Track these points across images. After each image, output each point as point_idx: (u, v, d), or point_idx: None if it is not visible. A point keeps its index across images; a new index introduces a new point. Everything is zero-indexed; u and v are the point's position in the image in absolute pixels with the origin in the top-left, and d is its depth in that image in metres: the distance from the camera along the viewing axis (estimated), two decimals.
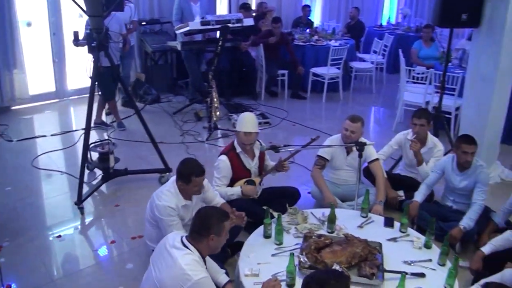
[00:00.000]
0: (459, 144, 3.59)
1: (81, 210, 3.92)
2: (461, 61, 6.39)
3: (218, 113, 5.61)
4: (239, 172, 3.69)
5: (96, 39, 3.63)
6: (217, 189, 3.58)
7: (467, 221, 3.48)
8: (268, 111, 6.81)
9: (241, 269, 2.80)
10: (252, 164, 3.76)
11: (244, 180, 3.72)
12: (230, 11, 7.51)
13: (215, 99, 5.55)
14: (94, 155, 4.46)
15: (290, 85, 7.59)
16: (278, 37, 7.18)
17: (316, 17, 10.05)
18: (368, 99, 7.96)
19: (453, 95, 5.66)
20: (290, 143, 5.57)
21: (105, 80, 4.84)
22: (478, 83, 4.54)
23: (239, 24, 5.69)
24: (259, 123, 6.18)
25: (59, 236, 3.67)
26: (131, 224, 3.89)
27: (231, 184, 3.71)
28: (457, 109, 5.87)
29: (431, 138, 4.20)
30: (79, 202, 3.87)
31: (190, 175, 2.99)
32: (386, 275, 2.73)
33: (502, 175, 4.76)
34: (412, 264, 2.90)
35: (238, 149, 3.67)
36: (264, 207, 3.22)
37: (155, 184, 4.50)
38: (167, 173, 4.52)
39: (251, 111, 6.62)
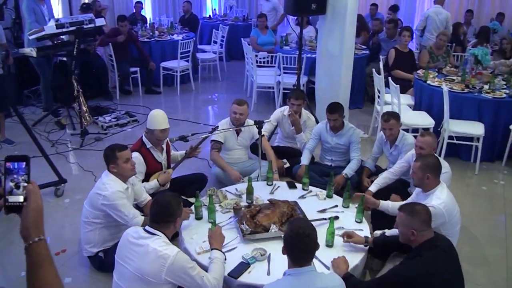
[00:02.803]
0: (326, 113, 4.34)
1: None
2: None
3: (88, 117, 5.48)
4: (152, 166, 3.84)
5: None
6: (140, 185, 3.67)
7: (348, 170, 4.27)
8: (130, 109, 6.81)
9: (190, 250, 3.02)
10: (162, 158, 3.94)
11: (158, 173, 3.88)
12: (70, 13, 7.20)
13: (83, 104, 5.42)
14: None
15: (143, 81, 7.67)
16: (126, 35, 7.19)
17: (147, 13, 10.15)
18: (218, 86, 8.50)
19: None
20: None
21: None
22: (328, 60, 5.38)
23: (91, 25, 5.60)
24: (127, 122, 6.28)
25: None
26: (48, 241, 3.71)
27: (145, 179, 3.84)
28: (303, 85, 6.79)
29: (306, 113, 4.88)
30: None
31: (114, 152, 3.17)
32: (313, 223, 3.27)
33: None
34: (325, 211, 3.52)
35: (149, 145, 3.81)
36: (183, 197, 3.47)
37: (50, 198, 4.31)
38: (62, 184, 4.37)
39: (112, 111, 6.62)
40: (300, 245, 2.27)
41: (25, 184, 1.19)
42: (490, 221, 4.24)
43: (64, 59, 6.35)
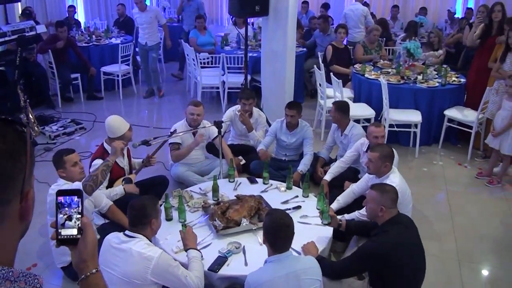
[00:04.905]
0: (285, 108, 4.57)
1: None
2: (239, 44, 7.51)
3: (36, 128, 5.36)
4: (116, 172, 3.89)
5: None
6: (99, 192, 3.70)
7: (302, 166, 4.50)
8: (74, 116, 6.70)
9: (167, 250, 3.08)
10: (124, 163, 3.99)
11: (122, 179, 3.93)
12: (7, 21, 6.92)
13: (31, 114, 5.29)
14: None
15: (84, 87, 7.53)
16: (65, 40, 7.03)
17: (80, 16, 9.91)
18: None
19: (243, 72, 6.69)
20: None
21: None
22: (272, 59, 5.63)
23: (33, 32, 5.48)
24: (75, 130, 6.19)
25: None
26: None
27: (109, 185, 3.87)
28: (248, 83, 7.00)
29: (257, 111, 5.08)
30: None
31: (61, 156, 3.25)
32: None
33: None
34: (287, 202, 3.74)
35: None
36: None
37: None
38: None
39: (57, 120, 6.47)
40: (281, 234, 2.47)
41: (79, 216, 1.21)
42: (434, 198, 4.72)
43: (2, 68, 6.12)
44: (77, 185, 3.18)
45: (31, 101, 6.70)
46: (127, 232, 2.68)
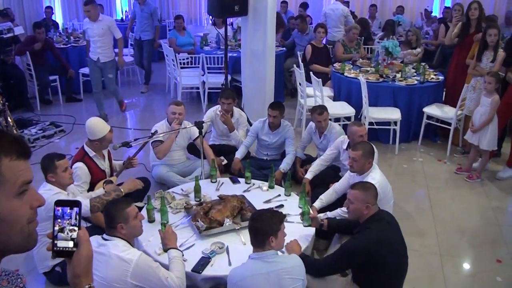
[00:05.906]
0: (268, 109, 4.57)
1: None
2: (219, 44, 7.49)
3: (15, 131, 5.27)
4: (97, 175, 3.84)
5: None
6: (81, 196, 3.65)
7: (284, 165, 4.51)
8: (53, 119, 6.60)
9: (150, 252, 3.06)
10: (105, 165, 3.94)
11: (103, 181, 3.88)
12: None
13: (10, 118, 5.20)
14: None
15: (63, 89, 7.44)
16: (43, 42, 6.93)
17: (58, 17, 9.78)
18: (139, 90, 8.40)
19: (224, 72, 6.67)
20: None
21: None
22: (252, 59, 5.64)
23: (10, 34, 5.40)
24: (54, 133, 6.11)
25: None
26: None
27: (90, 188, 3.82)
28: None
29: (238, 111, 5.07)
30: None
31: (53, 161, 3.18)
32: None
33: None
34: (270, 201, 3.74)
35: (92, 153, 3.80)
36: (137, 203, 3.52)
37: None
38: None
39: (36, 123, 6.37)
40: (249, 230, 2.54)
41: (75, 228, 1.18)
42: (415, 194, 4.79)
43: None
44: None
45: (9, 104, 6.62)
46: (104, 235, 2.65)
